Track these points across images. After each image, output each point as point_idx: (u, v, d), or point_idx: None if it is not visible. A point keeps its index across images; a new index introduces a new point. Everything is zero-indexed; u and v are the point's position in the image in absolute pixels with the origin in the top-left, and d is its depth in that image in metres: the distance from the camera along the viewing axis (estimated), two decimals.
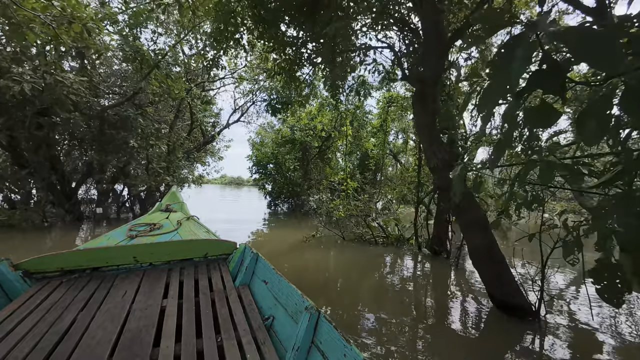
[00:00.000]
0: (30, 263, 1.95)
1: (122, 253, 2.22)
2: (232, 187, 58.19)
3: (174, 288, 1.94)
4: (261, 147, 15.11)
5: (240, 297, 1.90)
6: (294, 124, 12.55)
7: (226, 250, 2.55)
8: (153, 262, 2.32)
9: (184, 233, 2.92)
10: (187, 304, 1.75)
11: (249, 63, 9.77)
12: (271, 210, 15.38)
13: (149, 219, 3.37)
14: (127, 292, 1.85)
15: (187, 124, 11.63)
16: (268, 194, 15.69)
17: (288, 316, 1.58)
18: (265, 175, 15.66)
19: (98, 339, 1.36)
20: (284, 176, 14.60)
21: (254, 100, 14.26)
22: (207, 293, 1.91)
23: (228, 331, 1.50)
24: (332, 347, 1.23)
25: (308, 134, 11.80)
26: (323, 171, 14.29)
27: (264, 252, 2.70)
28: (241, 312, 1.69)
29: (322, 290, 4.01)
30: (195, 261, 2.44)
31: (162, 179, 9.48)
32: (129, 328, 1.47)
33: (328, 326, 1.29)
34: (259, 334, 1.51)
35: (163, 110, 12.04)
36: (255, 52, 7.25)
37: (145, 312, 1.64)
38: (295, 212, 14.25)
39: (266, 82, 7.59)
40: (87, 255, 2.12)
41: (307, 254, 5.94)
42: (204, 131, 12.17)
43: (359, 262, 5.47)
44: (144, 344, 1.35)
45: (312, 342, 1.33)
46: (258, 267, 2.14)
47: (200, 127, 11.49)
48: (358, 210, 6.80)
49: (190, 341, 1.40)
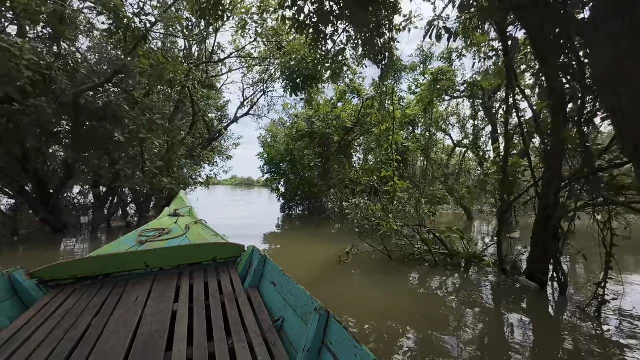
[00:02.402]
0: (45, 271, 2.00)
1: (132, 259, 2.25)
2: (243, 188, 57.35)
3: (185, 292, 1.97)
4: (274, 143, 13.44)
5: (250, 300, 1.89)
6: (312, 114, 10.82)
7: (234, 253, 2.56)
8: (163, 267, 2.35)
9: (193, 237, 2.92)
10: (197, 308, 1.75)
11: (259, 36, 8.07)
12: (285, 213, 13.71)
13: (158, 224, 3.33)
14: (139, 297, 1.87)
15: (191, 119, 10.08)
16: (282, 195, 14.02)
17: (298, 317, 1.56)
18: (278, 174, 13.99)
19: (112, 345, 1.38)
20: (300, 175, 12.90)
21: (264, 90, 12.58)
22: (217, 296, 1.91)
23: (239, 333, 1.50)
24: (342, 347, 1.21)
25: (330, 125, 9.96)
26: (343, 169, 12.50)
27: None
28: (251, 315, 1.70)
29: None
30: (205, 265, 2.45)
31: (158, 181, 7.92)
32: (141, 333, 1.49)
33: (338, 327, 1.27)
34: (270, 335, 1.51)
35: (161, 101, 10.54)
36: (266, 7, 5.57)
37: (157, 316, 1.65)
38: (312, 216, 12.52)
39: (282, 58, 6.02)
40: (99, 262, 2.16)
41: (342, 283, 4.19)
42: (208, 125, 10.56)
43: (423, 302, 3.68)
44: (157, 349, 1.37)
45: (322, 343, 1.31)
46: (266, 269, 2.12)
47: (203, 120, 9.87)
48: (408, 219, 5.01)
49: (202, 344, 1.40)
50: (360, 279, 4.50)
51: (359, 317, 3.15)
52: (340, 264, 5.08)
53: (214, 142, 12.84)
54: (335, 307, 2.50)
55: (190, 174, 9.02)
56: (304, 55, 5.33)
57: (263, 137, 15.30)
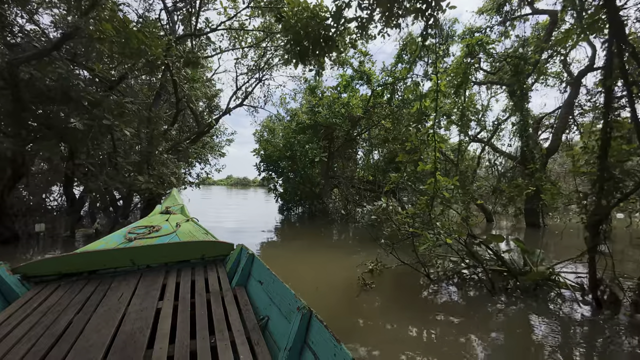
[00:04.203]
0: (29, 267, 1.97)
1: (119, 256, 2.22)
2: (238, 188, 56.28)
3: (170, 290, 1.94)
4: (271, 138, 12.08)
5: (237, 298, 1.88)
6: (315, 103, 9.47)
7: (223, 252, 2.52)
8: (150, 264, 2.31)
9: (183, 235, 2.86)
10: (182, 306, 1.73)
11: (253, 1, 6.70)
12: (284, 216, 12.36)
13: (148, 222, 3.29)
14: (124, 294, 1.85)
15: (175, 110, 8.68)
16: (280, 196, 12.66)
17: (282, 316, 1.55)
18: (276, 173, 12.63)
19: (92, 342, 1.37)
20: (300, 174, 11.56)
21: (260, 78, 11.20)
22: (203, 294, 1.89)
23: (222, 332, 1.49)
24: (323, 346, 1.20)
25: (337, 114, 8.61)
26: (351, 165, 11.18)
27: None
28: (236, 313, 1.68)
29: None
30: (193, 263, 2.42)
31: (132, 180, 6.53)
32: (123, 330, 1.48)
33: (319, 326, 1.27)
34: (254, 334, 1.50)
35: (140, 87, 9.12)
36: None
37: (140, 314, 1.63)
38: (314, 219, 11.20)
39: (284, 29, 4.77)
40: (85, 259, 2.12)
41: (375, 328, 2.90)
42: (196, 115, 9.16)
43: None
44: (138, 346, 1.35)
45: (304, 342, 1.31)
46: (254, 267, 2.11)
47: (189, 107, 8.47)
48: (451, 227, 3.73)
49: (184, 342, 1.39)
50: (399, 316, 3.19)
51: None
52: (364, 288, 3.78)
53: (204, 136, 11.44)
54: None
55: (174, 171, 7.62)
56: (313, 12, 4.03)
57: (259, 132, 13.94)
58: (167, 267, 2.32)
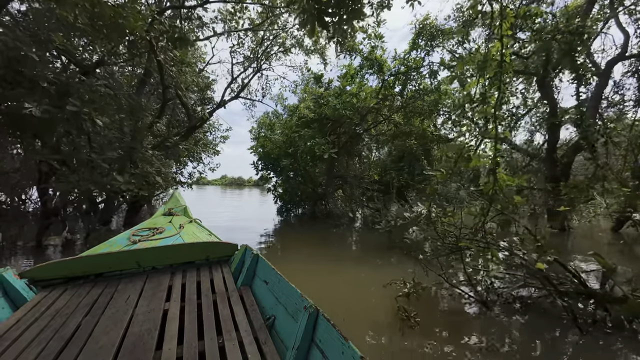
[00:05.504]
0: (35, 271, 1.96)
1: (124, 258, 2.22)
2: (233, 187, 55.21)
3: (177, 291, 1.93)
4: (270, 134, 11.09)
5: (242, 298, 1.87)
6: (321, 94, 8.53)
7: (228, 252, 2.51)
8: (156, 266, 2.31)
9: (186, 236, 2.87)
10: (189, 307, 1.73)
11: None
12: (283, 218, 11.38)
13: (152, 224, 3.28)
14: (131, 296, 1.84)
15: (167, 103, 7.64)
16: (279, 197, 11.68)
17: (288, 315, 1.55)
18: (275, 172, 11.65)
19: (102, 344, 1.37)
20: (301, 173, 10.60)
21: (259, 67, 10.18)
22: (209, 295, 1.89)
23: (229, 332, 1.49)
24: (330, 345, 1.20)
25: (347, 106, 7.65)
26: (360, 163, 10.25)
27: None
28: (243, 313, 1.68)
29: None
30: (198, 264, 2.42)
31: (109, 180, 5.50)
32: (132, 332, 1.47)
33: (327, 324, 1.26)
34: (261, 334, 1.50)
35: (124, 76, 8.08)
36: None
37: (148, 315, 1.62)
38: (316, 222, 10.25)
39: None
40: (91, 262, 2.12)
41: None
42: (186, 105, 8.13)
43: None
44: (147, 348, 1.35)
45: (312, 340, 1.30)
46: (259, 267, 2.10)
47: (177, 95, 7.44)
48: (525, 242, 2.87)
49: (192, 343, 1.39)
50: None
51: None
52: (404, 323, 2.86)
53: (196, 131, 10.41)
54: None
55: (160, 169, 6.61)
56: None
57: (256, 129, 12.94)
58: (173, 269, 2.32)
